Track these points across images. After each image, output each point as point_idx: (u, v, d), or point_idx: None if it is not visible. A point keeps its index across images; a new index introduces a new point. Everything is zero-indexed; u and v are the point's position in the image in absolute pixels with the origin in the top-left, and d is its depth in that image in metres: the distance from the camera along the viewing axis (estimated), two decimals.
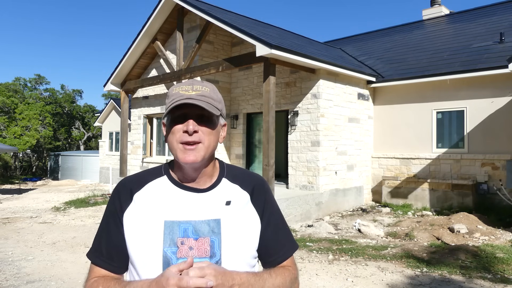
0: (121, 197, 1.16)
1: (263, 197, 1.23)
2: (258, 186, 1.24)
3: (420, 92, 9.68)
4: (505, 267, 4.86)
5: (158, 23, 11.14)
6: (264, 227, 1.19)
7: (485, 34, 10.33)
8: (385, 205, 9.58)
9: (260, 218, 1.19)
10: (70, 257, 5.67)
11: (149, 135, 12.70)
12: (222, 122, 1.19)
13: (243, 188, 1.21)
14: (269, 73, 7.78)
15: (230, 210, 1.14)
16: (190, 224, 1.09)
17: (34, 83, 31.36)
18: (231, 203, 1.16)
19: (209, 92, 1.12)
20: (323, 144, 8.86)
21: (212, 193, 1.16)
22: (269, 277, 1.10)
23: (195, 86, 1.11)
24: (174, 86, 1.14)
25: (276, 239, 1.21)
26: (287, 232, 1.27)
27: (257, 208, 1.20)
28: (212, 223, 1.10)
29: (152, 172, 1.21)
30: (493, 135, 8.56)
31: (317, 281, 4.58)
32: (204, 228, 1.10)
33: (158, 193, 1.14)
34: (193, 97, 1.07)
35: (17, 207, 10.78)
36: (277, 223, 1.24)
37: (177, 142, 1.09)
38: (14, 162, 27.55)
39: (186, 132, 1.07)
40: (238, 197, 1.18)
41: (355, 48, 13.87)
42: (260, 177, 1.30)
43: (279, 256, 1.21)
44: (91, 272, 1.15)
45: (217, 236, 1.10)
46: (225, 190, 1.18)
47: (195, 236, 1.08)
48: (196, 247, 1.08)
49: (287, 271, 1.18)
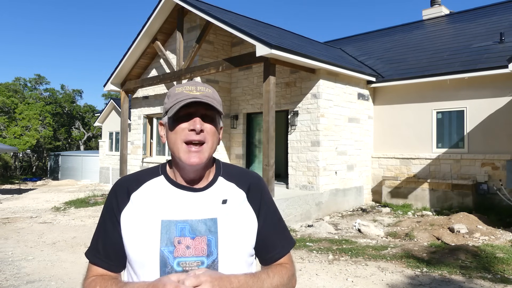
0: (118, 196, 1.16)
1: (259, 195, 1.23)
2: (254, 184, 1.24)
3: (420, 92, 9.68)
4: (505, 267, 4.86)
5: (158, 23, 11.15)
6: (260, 225, 1.19)
7: (485, 34, 10.33)
8: (385, 205, 9.58)
9: (256, 216, 1.20)
10: (70, 257, 5.67)
11: (149, 135, 12.70)
12: (221, 124, 1.20)
13: (239, 187, 1.21)
14: (269, 73, 7.78)
15: (227, 209, 1.15)
16: (187, 223, 1.10)
17: (34, 83, 31.38)
18: (227, 201, 1.16)
19: (212, 94, 1.14)
20: (323, 144, 8.86)
21: (209, 192, 1.16)
22: (266, 277, 1.10)
23: (198, 87, 1.13)
24: (175, 87, 1.14)
25: (273, 236, 1.21)
26: (283, 229, 1.27)
27: (253, 206, 1.20)
28: (208, 222, 1.11)
29: (149, 172, 1.22)
30: (493, 135, 8.56)
31: (317, 281, 4.58)
32: (200, 227, 1.10)
33: (155, 193, 1.15)
34: (199, 97, 1.08)
35: (17, 207, 10.78)
36: (274, 221, 1.24)
37: (182, 141, 1.09)
38: (14, 162, 27.55)
39: (192, 130, 1.08)
40: (234, 196, 1.18)
41: (355, 48, 13.86)
42: (256, 174, 1.30)
43: (277, 253, 1.21)
44: (89, 271, 1.16)
45: (214, 235, 1.10)
46: (221, 189, 1.18)
47: (192, 235, 1.09)
48: (193, 246, 1.08)
49: (284, 269, 1.19)
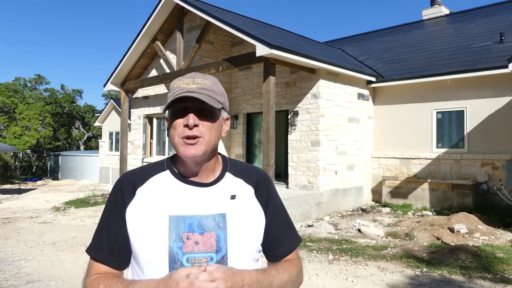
0: (123, 191, 1.14)
1: (266, 191, 1.23)
2: (262, 180, 1.24)
3: (420, 92, 9.68)
4: (505, 267, 4.86)
5: (158, 23, 11.15)
6: (268, 221, 1.19)
7: (485, 34, 10.33)
8: (385, 205, 9.58)
9: (264, 212, 1.19)
10: (70, 257, 5.67)
11: (149, 135, 12.71)
12: (225, 115, 1.17)
13: (247, 182, 1.20)
14: (269, 73, 7.78)
15: (235, 204, 1.14)
16: (195, 218, 1.09)
17: (34, 83, 31.39)
18: (236, 197, 1.15)
19: (211, 85, 1.11)
20: (323, 144, 8.86)
21: (217, 188, 1.15)
22: (276, 273, 1.10)
23: (196, 79, 1.11)
24: (176, 80, 1.13)
25: (280, 233, 1.21)
26: (290, 226, 1.27)
27: (261, 202, 1.20)
28: (217, 217, 1.10)
29: (154, 167, 1.20)
30: (493, 135, 8.56)
31: (317, 281, 4.58)
32: (209, 222, 1.09)
33: (161, 188, 1.13)
34: (193, 90, 1.06)
35: (17, 207, 10.78)
36: (281, 217, 1.24)
37: (179, 136, 1.08)
38: (14, 162, 27.55)
39: (186, 126, 1.07)
40: (242, 191, 1.18)
41: (355, 48, 13.86)
42: (262, 171, 1.29)
43: (284, 249, 1.21)
44: (91, 268, 1.13)
45: (223, 231, 1.09)
46: (230, 184, 1.17)
47: (201, 231, 1.08)
48: (201, 241, 1.07)
49: (292, 265, 1.19)
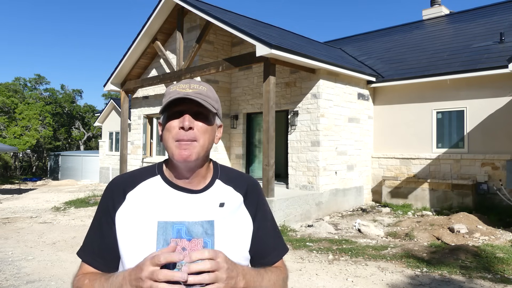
0: (114, 195, 1.15)
1: (255, 200, 1.23)
2: (251, 188, 1.25)
3: (420, 92, 9.68)
4: (505, 267, 4.86)
5: (158, 23, 11.15)
6: (256, 230, 1.19)
7: (485, 34, 10.33)
8: (385, 205, 9.58)
9: (252, 220, 1.20)
10: (70, 257, 5.67)
11: (149, 135, 12.71)
12: (218, 122, 1.18)
13: (236, 190, 1.21)
14: (269, 73, 7.78)
15: (224, 212, 1.14)
16: (183, 225, 1.09)
17: (34, 83, 31.39)
18: (225, 205, 1.16)
19: (206, 91, 1.13)
20: (323, 144, 8.86)
21: (206, 195, 1.15)
22: (265, 273, 1.12)
23: (192, 85, 1.12)
24: (171, 86, 1.15)
25: (267, 242, 1.22)
26: (278, 235, 1.28)
27: (250, 210, 1.20)
28: (205, 224, 1.10)
29: (145, 171, 1.20)
30: (493, 135, 8.56)
31: (317, 281, 4.58)
32: (197, 229, 1.09)
33: (151, 193, 1.14)
34: (190, 94, 1.08)
35: (17, 207, 10.78)
36: (269, 226, 1.25)
37: (173, 139, 1.08)
38: (14, 162, 27.55)
39: (182, 128, 1.07)
40: (231, 199, 1.18)
41: (355, 48, 13.86)
42: (253, 179, 1.30)
43: (271, 257, 1.22)
44: (80, 269, 1.15)
45: (211, 238, 1.09)
46: (219, 192, 1.18)
47: (189, 237, 1.08)
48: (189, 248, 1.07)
49: (279, 270, 1.21)
